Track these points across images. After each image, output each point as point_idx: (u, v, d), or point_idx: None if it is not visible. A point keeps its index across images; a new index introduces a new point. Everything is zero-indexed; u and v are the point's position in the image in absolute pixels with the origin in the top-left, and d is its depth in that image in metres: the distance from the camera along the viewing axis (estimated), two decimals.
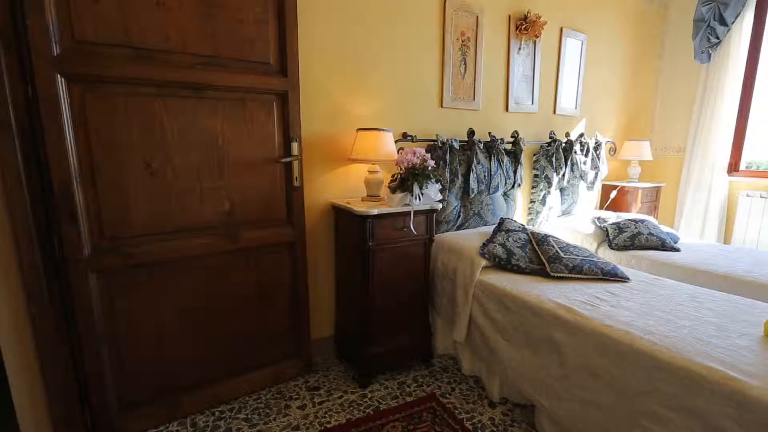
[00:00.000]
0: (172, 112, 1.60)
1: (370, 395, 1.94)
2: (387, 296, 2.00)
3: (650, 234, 2.62)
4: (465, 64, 2.50)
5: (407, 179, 1.87)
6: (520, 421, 1.77)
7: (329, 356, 2.29)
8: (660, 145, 3.88)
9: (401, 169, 1.92)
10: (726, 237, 3.50)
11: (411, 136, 2.28)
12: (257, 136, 1.80)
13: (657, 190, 3.62)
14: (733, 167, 3.45)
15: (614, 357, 1.43)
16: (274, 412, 1.82)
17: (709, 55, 3.38)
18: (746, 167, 3.49)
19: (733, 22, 3.22)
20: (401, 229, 1.94)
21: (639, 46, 3.66)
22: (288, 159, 1.86)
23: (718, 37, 3.29)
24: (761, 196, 3.24)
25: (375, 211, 1.83)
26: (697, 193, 3.54)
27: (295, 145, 1.87)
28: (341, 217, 2.08)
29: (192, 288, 1.74)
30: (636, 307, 1.65)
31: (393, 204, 1.89)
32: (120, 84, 1.49)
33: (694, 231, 3.55)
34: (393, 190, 1.91)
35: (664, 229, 2.82)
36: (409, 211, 1.91)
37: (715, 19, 3.25)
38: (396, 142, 2.21)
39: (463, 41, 2.46)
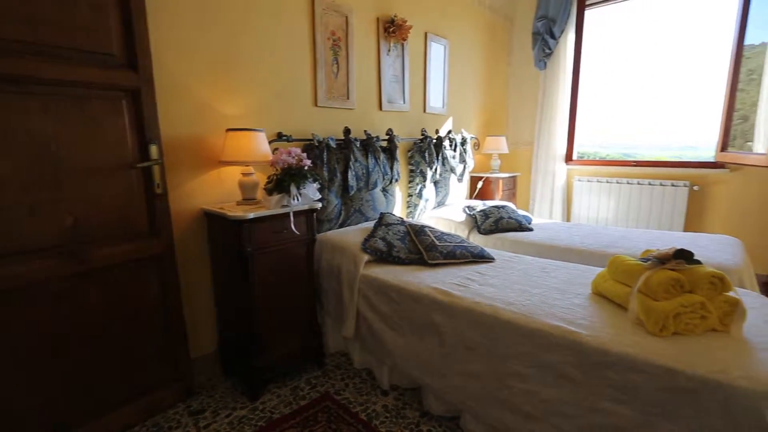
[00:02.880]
0: None
1: (261, 407, 1.85)
2: (272, 301, 1.93)
3: (510, 218, 2.99)
4: (337, 63, 2.53)
5: (284, 180, 1.83)
6: (411, 402, 1.88)
7: (214, 374, 2.11)
8: (514, 139, 4.47)
9: (277, 170, 1.87)
10: (568, 215, 4.20)
11: (286, 136, 2.23)
12: (105, 139, 1.57)
13: (514, 178, 4.17)
14: (569, 157, 4.15)
15: (484, 329, 1.60)
16: None
17: (545, 64, 4.00)
18: (578, 157, 4.23)
19: (559, 37, 3.86)
20: (281, 231, 1.89)
21: (492, 53, 4.15)
22: (146, 164, 1.66)
23: (550, 49, 3.91)
24: (588, 180, 3.97)
25: (251, 215, 1.74)
26: (544, 179, 4.17)
27: (153, 148, 1.68)
28: (215, 223, 1.93)
29: (29, 323, 1.43)
30: (500, 282, 1.87)
31: (270, 206, 1.82)
32: None
33: (544, 212, 4.18)
34: (269, 192, 1.84)
35: (521, 212, 3.26)
36: (289, 213, 1.86)
37: (547, 33, 3.86)
38: (270, 142, 2.14)
39: (334, 41, 2.49)
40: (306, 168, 1.90)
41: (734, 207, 3.32)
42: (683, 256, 1.44)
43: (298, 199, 1.86)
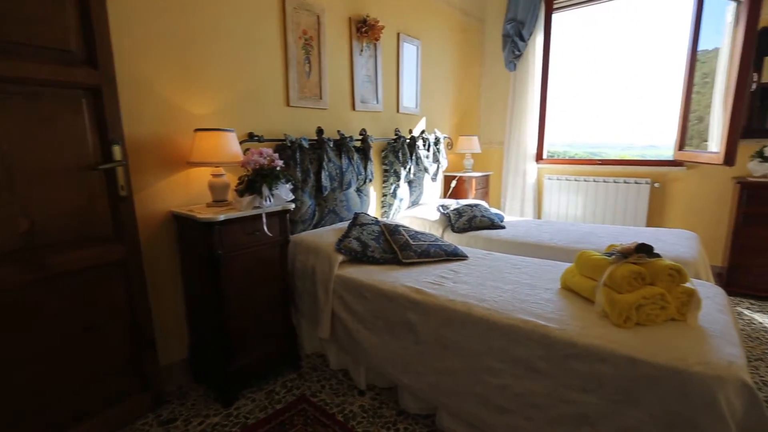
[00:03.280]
0: None
1: (235, 413, 1.82)
2: (244, 305, 1.90)
3: (483, 216, 3.05)
4: (309, 63, 2.51)
5: (255, 181, 1.80)
6: (388, 402, 1.88)
7: (185, 381, 2.05)
8: (486, 139, 4.56)
9: (248, 170, 1.84)
10: (539, 213, 4.31)
11: (258, 136, 2.19)
12: (63, 139, 1.50)
13: (486, 177, 4.25)
14: (539, 156, 4.26)
15: (458, 326, 1.62)
16: None
17: (515, 65, 4.10)
18: (548, 156, 4.35)
19: (528, 39, 3.95)
20: (254, 233, 1.85)
21: (464, 54, 4.21)
22: (109, 165, 1.60)
23: (519, 51, 4.00)
24: (557, 179, 4.09)
25: (222, 217, 1.70)
26: (515, 178, 4.27)
27: (117, 149, 1.61)
28: (185, 226, 1.88)
29: None
30: (473, 280, 1.90)
31: (242, 208, 1.79)
32: None
33: (516, 210, 4.28)
34: (241, 194, 1.81)
35: (493, 210, 3.32)
36: (261, 214, 1.83)
37: (516, 36, 3.94)
38: (241, 142, 2.09)
39: (306, 40, 2.47)
40: (278, 168, 1.87)
41: (691, 202, 3.51)
42: (644, 250, 1.50)
43: (270, 200, 1.84)
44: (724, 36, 2.96)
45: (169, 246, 1.95)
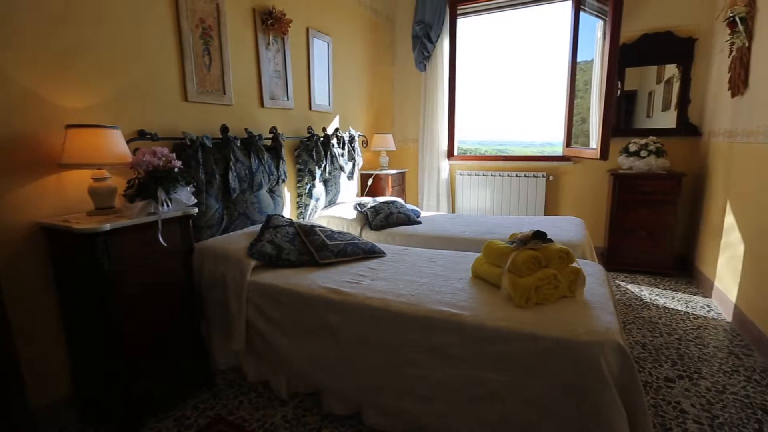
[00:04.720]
0: None
1: None
2: (142, 324, 1.69)
3: (399, 212, 3.11)
4: (209, 54, 2.32)
5: (149, 184, 1.60)
6: (312, 408, 1.82)
7: (70, 421, 1.75)
8: (400, 137, 4.67)
9: (139, 172, 1.63)
10: (453, 207, 4.53)
11: (150, 134, 1.96)
12: None
13: (402, 175, 4.36)
14: (450, 153, 4.48)
15: (377, 323, 1.62)
16: None
17: (425, 66, 4.25)
18: (460, 152, 4.59)
19: (436, 41, 4.12)
20: (150, 243, 1.65)
21: (376, 53, 4.26)
22: None
23: (428, 52, 4.15)
24: (468, 174, 4.34)
25: (108, 226, 1.49)
26: (430, 174, 4.43)
27: None
28: (59, 240, 1.60)
29: None
30: (390, 276, 1.92)
31: (133, 215, 1.58)
32: None
33: (433, 205, 4.46)
34: (131, 199, 1.60)
35: (409, 206, 3.41)
36: (157, 221, 1.64)
37: (425, 37, 4.09)
38: (130, 141, 1.85)
39: (204, 29, 2.27)
40: (176, 170, 1.70)
41: (578, 192, 3.97)
42: (539, 236, 1.65)
43: (167, 205, 1.65)
44: (595, 49, 3.39)
45: (39, 265, 1.64)
